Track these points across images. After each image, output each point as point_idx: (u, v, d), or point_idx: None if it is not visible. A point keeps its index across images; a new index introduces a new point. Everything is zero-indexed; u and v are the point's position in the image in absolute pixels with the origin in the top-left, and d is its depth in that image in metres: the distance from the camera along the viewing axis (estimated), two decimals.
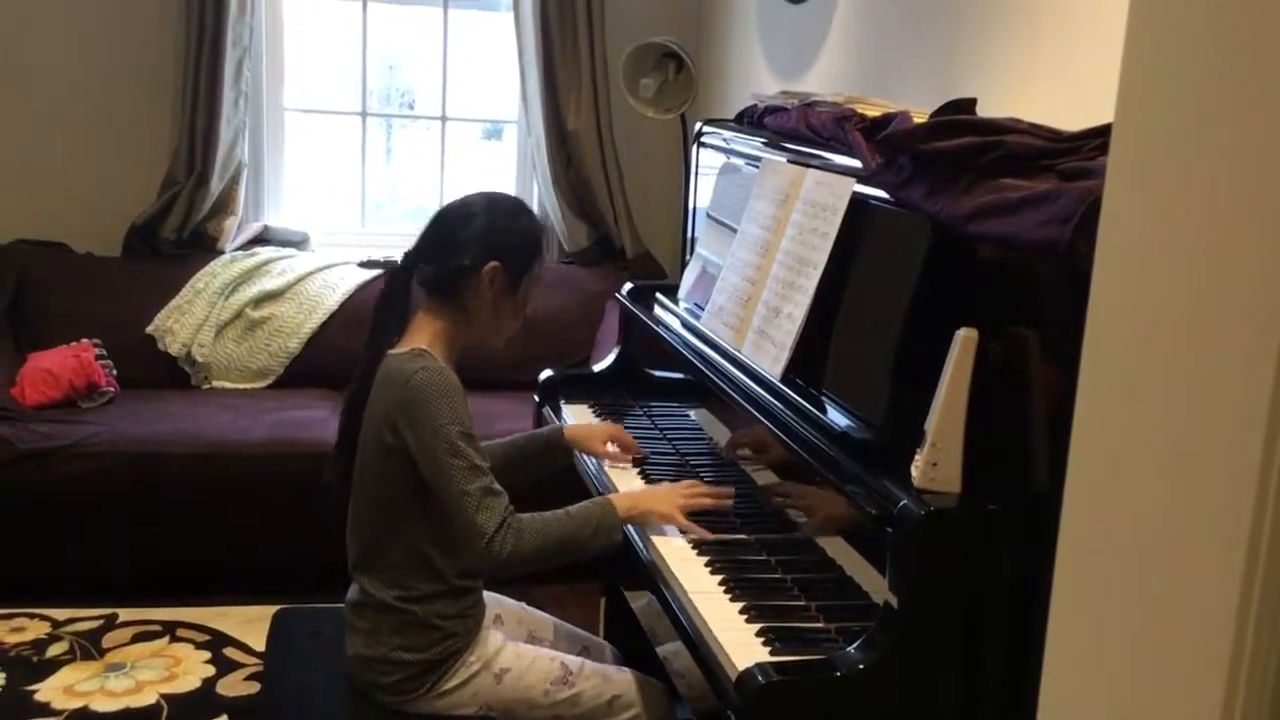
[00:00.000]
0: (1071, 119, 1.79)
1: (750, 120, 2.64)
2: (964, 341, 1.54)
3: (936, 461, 1.54)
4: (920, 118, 1.90)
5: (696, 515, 2.02)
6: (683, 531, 1.99)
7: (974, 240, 1.61)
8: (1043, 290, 1.53)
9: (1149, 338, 0.86)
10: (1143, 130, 0.87)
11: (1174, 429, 0.83)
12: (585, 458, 2.39)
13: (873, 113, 2.09)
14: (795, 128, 2.33)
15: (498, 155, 4.74)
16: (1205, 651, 0.80)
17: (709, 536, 1.97)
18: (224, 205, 4.18)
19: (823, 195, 2.01)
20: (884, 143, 1.85)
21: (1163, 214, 0.84)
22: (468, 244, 2.04)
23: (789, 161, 2.21)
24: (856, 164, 1.95)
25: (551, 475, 2.40)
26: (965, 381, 1.54)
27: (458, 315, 2.06)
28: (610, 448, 2.36)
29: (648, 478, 2.28)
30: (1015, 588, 1.48)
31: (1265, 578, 0.79)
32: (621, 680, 2.10)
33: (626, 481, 2.27)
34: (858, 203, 1.91)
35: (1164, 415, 0.84)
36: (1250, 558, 0.79)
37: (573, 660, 2.10)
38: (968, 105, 1.90)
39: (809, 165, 2.12)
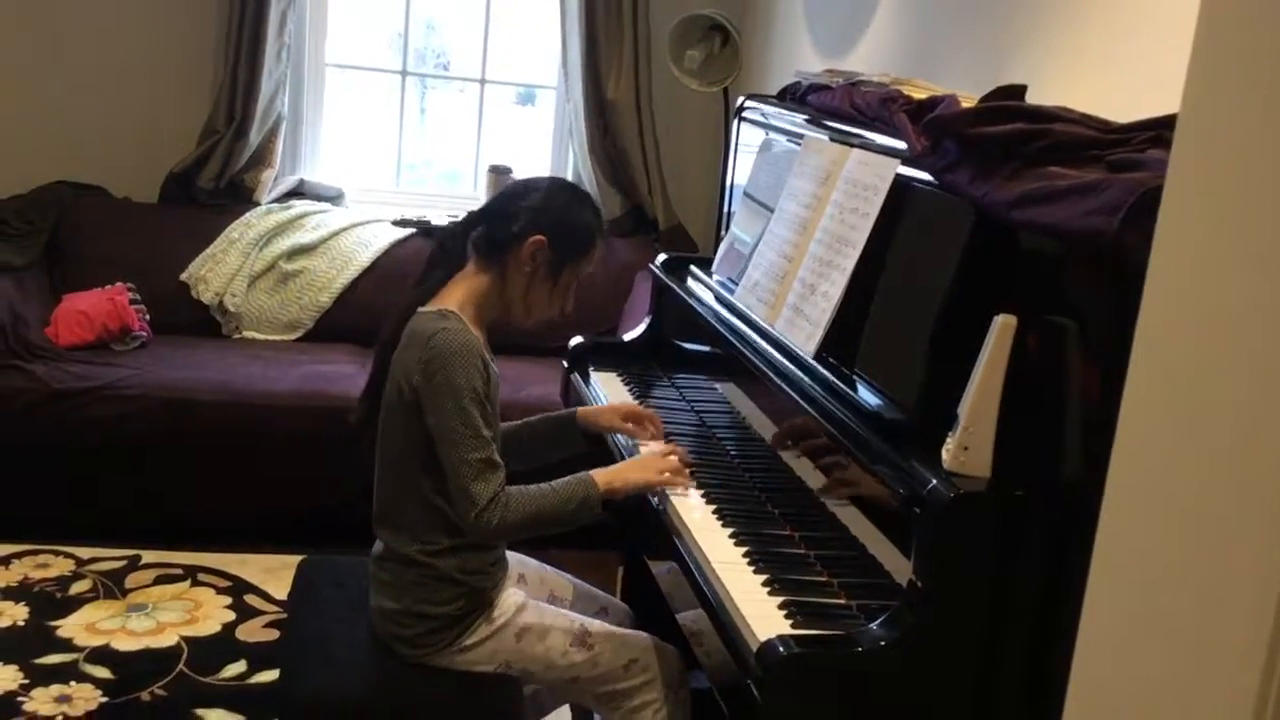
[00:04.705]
0: (1121, 110, 1.79)
1: (793, 97, 2.64)
2: (1002, 328, 1.54)
3: (968, 445, 1.54)
4: (967, 103, 1.89)
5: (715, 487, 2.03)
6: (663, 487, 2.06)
7: (1018, 227, 1.60)
8: (1085, 281, 1.52)
9: (1203, 332, 0.86)
10: (1207, 125, 0.87)
11: (1225, 424, 0.84)
12: (616, 441, 2.34)
13: (919, 95, 2.08)
14: (839, 106, 2.32)
15: (532, 121, 4.73)
16: (1241, 641, 0.81)
17: (689, 483, 2.07)
18: (262, 157, 4.21)
19: (865, 175, 2.00)
20: (931, 125, 1.85)
21: (1223, 211, 0.85)
22: (522, 213, 2.08)
23: (831, 140, 2.21)
24: (900, 145, 1.95)
25: (563, 461, 2.28)
26: (1001, 368, 1.54)
27: (495, 282, 2.08)
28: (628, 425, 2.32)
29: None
30: (1041, 574, 1.49)
31: None
32: (638, 645, 2.12)
33: None
34: (900, 184, 1.91)
35: (1215, 410, 0.85)
36: None
37: (592, 623, 2.12)
38: (1017, 92, 1.89)
39: (851, 144, 2.11)
